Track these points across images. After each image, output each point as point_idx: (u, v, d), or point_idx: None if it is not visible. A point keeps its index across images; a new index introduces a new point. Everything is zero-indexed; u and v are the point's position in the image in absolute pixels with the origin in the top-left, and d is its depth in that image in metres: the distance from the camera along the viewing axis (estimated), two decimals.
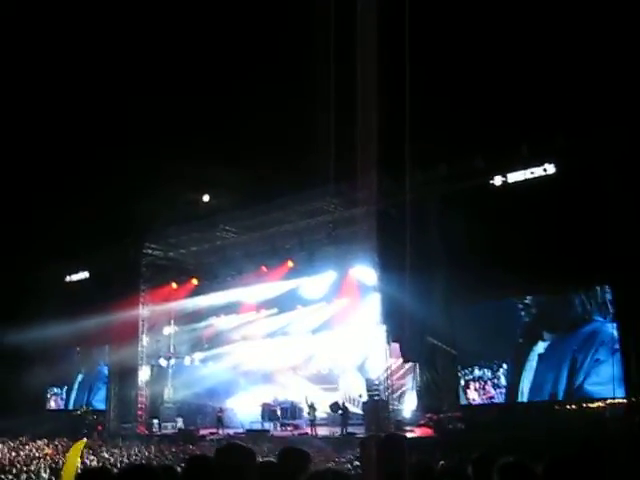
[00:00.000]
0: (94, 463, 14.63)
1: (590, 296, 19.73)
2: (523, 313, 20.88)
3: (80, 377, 32.72)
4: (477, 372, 21.28)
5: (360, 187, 20.82)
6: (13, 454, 17.96)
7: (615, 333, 18.96)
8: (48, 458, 16.35)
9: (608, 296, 19.45)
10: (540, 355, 20.16)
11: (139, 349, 29.34)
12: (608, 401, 18.54)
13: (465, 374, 21.51)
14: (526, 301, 20.87)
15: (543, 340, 20.18)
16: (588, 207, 18.64)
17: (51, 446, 20.32)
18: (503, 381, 20.84)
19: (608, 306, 19.35)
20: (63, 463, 10.86)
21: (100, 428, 27.85)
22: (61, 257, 30.94)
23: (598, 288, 19.73)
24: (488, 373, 21.10)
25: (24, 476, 12.14)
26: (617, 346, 18.80)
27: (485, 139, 21.17)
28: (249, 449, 3.64)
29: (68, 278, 32.95)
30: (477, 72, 21.54)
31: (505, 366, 20.81)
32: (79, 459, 10.08)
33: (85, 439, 15.32)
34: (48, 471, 13.35)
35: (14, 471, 13.04)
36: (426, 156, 20.68)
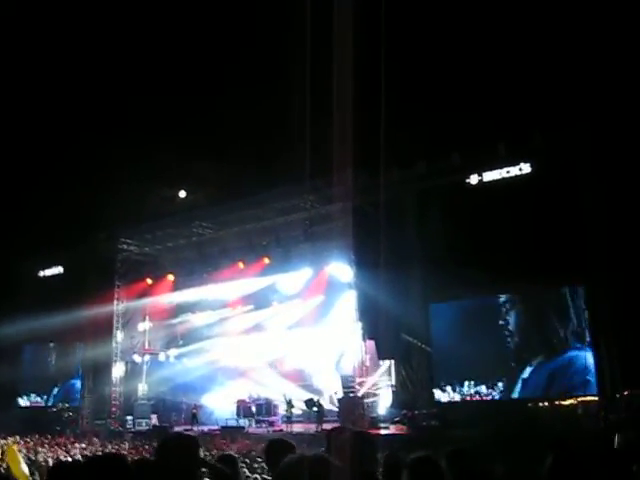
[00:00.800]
0: (67, 460, 14.48)
1: (566, 324, 19.77)
2: (509, 340, 20.74)
3: (55, 390, 32.11)
4: (474, 388, 21.02)
5: (336, 184, 20.84)
6: None
7: (591, 360, 19.02)
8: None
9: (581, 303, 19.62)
10: (524, 380, 20.17)
11: (113, 345, 29.18)
12: (580, 399, 18.74)
13: (463, 389, 21.20)
14: (510, 327, 20.76)
15: (530, 365, 20.18)
16: (563, 206, 18.83)
17: (22, 443, 20.08)
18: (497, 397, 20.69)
19: (585, 333, 19.42)
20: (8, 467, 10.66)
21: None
22: (35, 252, 30.63)
23: (568, 289, 19.91)
24: (484, 389, 20.97)
25: None
26: (593, 370, 18.95)
27: (462, 137, 21.28)
28: (192, 438, 3.68)
29: (42, 273, 32.65)
30: (455, 71, 21.63)
31: (500, 384, 20.61)
32: (19, 460, 9.90)
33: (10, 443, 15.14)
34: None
35: None
36: (403, 153, 20.78)
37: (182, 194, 27.98)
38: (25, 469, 9.35)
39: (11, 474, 9.38)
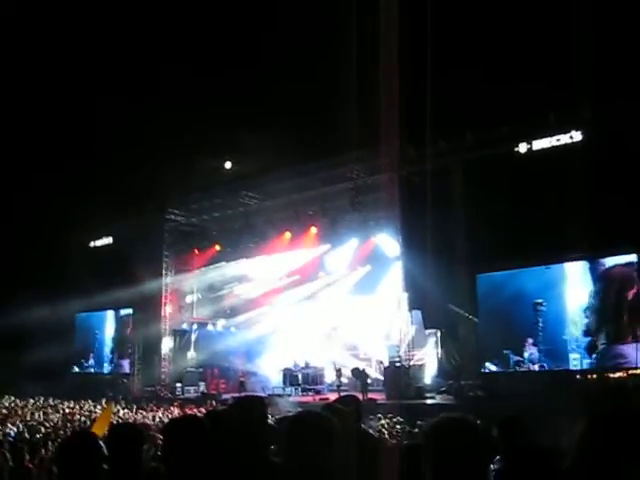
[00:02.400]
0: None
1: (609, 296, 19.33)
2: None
3: (108, 358, 32.87)
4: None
5: (383, 154, 20.72)
6: (41, 414, 18.33)
7: None
8: (76, 419, 16.64)
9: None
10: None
11: (162, 314, 29.70)
12: (630, 371, 18.45)
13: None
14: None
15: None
16: (615, 176, 18.37)
17: (77, 408, 20.68)
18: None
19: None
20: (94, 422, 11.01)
21: None
22: (86, 223, 31.19)
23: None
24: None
25: (53, 436, 12.37)
26: None
27: (511, 106, 20.89)
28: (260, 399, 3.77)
29: (92, 243, 33.28)
30: (504, 38, 21.18)
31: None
32: (109, 420, 10.23)
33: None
34: None
35: (43, 430, 13.32)
36: (450, 123, 20.50)
37: (228, 165, 28.12)
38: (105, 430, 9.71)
39: (92, 427, 9.75)
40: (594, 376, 19.37)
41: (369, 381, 23.31)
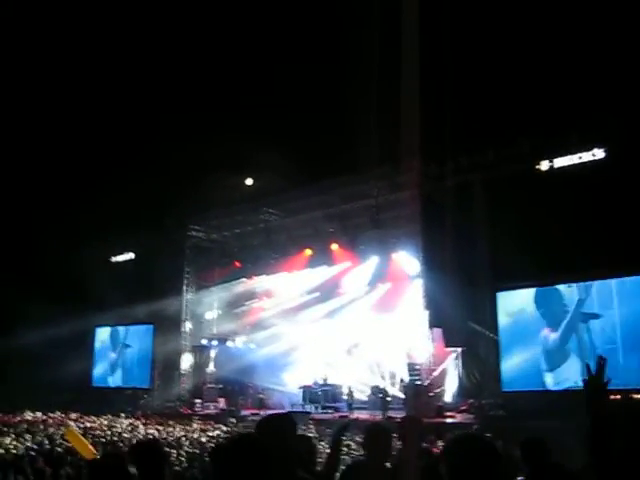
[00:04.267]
0: (137, 438, 14.85)
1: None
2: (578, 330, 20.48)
3: (128, 372, 33.05)
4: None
5: (404, 171, 20.73)
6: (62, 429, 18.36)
7: None
8: (97, 434, 16.66)
9: None
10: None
11: (182, 329, 29.78)
12: None
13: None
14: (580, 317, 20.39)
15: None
16: (637, 194, 18.20)
17: (98, 423, 20.73)
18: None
19: None
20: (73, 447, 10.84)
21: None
22: (106, 238, 31.36)
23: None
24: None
25: (74, 451, 12.37)
26: None
27: (532, 123, 20.83)
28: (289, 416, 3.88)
29: (113, 259, 33.45)
30: (527, 55, 21.15)
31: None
32: (80, 438, 10.04)
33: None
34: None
35: (64, 445, 13.35)
36: (472, 140, 20.49)
37: (249, 181, 28.22)
38: (90, 446, 9.52)
39: (78, 453, 9.63)
40: (618, 397, 19.07)
41: (389, 399, 23.18)
